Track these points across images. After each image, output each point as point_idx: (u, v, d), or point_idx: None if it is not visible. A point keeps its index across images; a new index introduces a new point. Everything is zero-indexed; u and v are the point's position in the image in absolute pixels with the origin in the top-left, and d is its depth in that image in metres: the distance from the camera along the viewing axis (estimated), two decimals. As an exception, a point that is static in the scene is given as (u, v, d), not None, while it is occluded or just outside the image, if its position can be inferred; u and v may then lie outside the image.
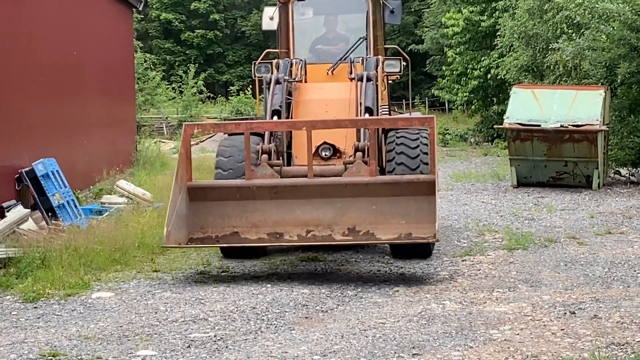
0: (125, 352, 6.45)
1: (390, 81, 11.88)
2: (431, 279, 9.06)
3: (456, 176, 19.79)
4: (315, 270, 9.67)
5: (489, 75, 31.12)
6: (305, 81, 11.19)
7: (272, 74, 10.76)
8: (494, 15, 30.54)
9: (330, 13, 12.01)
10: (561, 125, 16.42)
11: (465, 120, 40.33)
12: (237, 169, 9.94)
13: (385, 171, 10.27)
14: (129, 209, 13.08)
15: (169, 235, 8.87)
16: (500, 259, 10.10)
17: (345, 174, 9.54)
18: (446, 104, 46.10)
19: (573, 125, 16.40)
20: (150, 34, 62.26)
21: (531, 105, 16.86)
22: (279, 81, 10.40)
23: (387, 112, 11.71)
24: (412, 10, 50.85)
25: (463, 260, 10.06)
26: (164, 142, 29.08)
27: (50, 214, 11.92)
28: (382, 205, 9.29)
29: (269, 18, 11.82)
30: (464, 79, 33.50)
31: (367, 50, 11.43)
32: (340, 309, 7.84)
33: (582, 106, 16.52)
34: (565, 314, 7.42)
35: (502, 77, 27.19)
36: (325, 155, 10.33)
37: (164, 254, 10.34)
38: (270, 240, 9.44)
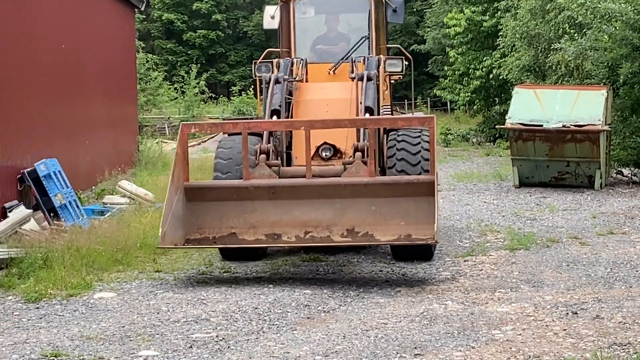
0: (128, 353, 6.45)
1: (392, 81, 11.80)
2: (433, 279, 9.05)
3: (458, 176, 19.76)
4: (317, 270, 9.65)
5: (491, 76, 31.07)
6: (306, 81, 11.12)
7: (273, 73, 10.64)
8: (496, 15, 30.52)
9: (331, 12, 11.93)
10: (563, 126, 16.40)
11: (467, 120, 40.29)
12: (236, 172, 9.79)
13: (386, 171, 10.20)
14: (131, 209, 13.09)
15: (165, 235, 8.77)
16: (502, 259, 10.08)
17: (345, 175, 9.43)
18: (448, 104, 46.08)
19: (575, 126, 16.39)
20: (152, 34, 62.32)
21: (533, 106, 16.84)
22: (279, 80, 10.28)
23: (389, 112, 11.58)
24: (414, 10, 50.82)
25: (465, 261, 10.05)
26: (166, 143, 29.03)
27: (52, 215, 11.92)
28: (382, 206, 9.19)
29: (270, 17, 11.76)
30: (466, 79, 33.46)
31: (369, 50, 11.35)
32: (342, 309, 7.83)
33: (584, 106, 16.51)
34: (567, 314, 7.42)
35: (504, 77, 27.15)
36: (325, 155, 10.22)
37: (165, 255, 10.32)
38: (268, 241, 9.33)
